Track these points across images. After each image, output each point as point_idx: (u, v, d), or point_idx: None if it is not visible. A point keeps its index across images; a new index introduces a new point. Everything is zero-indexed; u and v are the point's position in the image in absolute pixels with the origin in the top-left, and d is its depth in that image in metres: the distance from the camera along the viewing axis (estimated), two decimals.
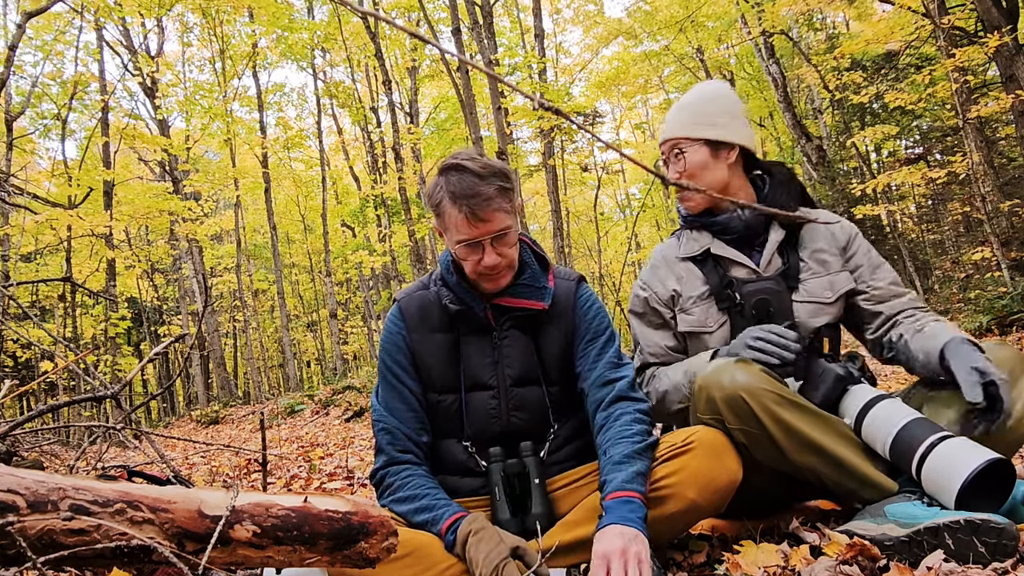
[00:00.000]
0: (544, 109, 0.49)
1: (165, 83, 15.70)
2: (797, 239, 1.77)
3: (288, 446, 6.33)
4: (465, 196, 1.45)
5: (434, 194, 1.51)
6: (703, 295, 1.75)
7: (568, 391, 1.64)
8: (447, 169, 1.50)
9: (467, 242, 1.48)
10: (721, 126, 1.74)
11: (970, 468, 1.28)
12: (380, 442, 1.59)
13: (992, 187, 8.76)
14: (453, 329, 1.63)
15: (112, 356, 13.38)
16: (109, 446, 6.26)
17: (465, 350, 1.62)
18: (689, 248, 1.81)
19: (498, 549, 1.30)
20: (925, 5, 7.63)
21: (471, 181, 1.45)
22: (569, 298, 1.65)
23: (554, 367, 1.63)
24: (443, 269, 1.62)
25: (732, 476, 1.45)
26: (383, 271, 18.60)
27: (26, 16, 6.05)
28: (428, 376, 1.61)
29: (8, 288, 5.67)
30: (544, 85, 12.24)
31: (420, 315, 1.63)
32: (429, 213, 1.54)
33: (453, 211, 1.47)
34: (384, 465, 1.56)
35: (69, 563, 0.90)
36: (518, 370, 1.60)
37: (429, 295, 1.65)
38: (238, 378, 24.33)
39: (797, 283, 1.71)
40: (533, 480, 1.53)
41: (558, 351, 1.63)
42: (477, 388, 1.61)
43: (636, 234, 21.42)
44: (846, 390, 1.55)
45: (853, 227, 1.80)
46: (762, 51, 12.31)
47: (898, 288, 1.74)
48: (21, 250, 12.01)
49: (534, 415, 1.61)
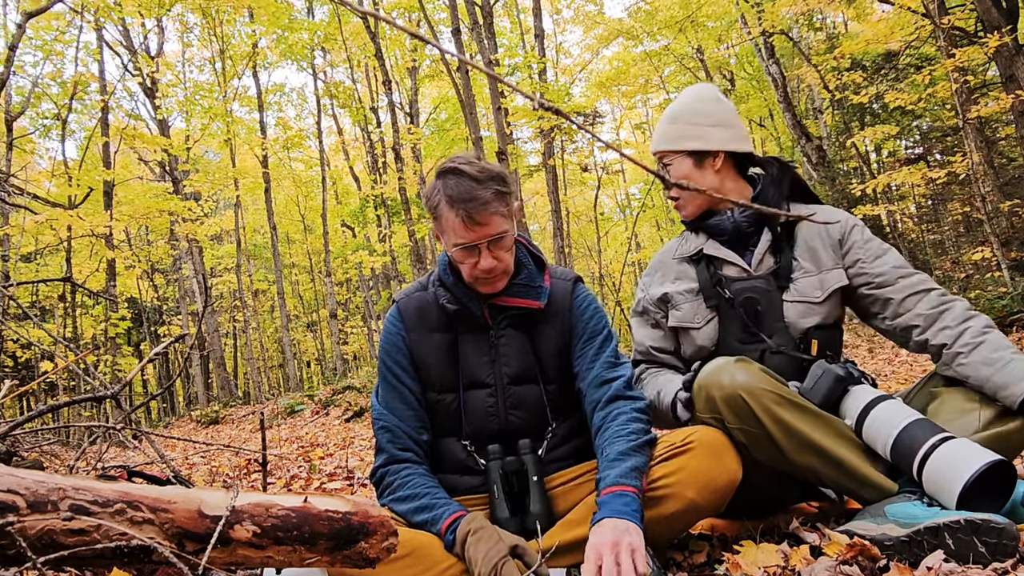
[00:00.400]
0: (544, 109, 0.49)
1: (165, 83, 15.70)
2: (792, 238, 1.76)
3: (288, 446, 6.34)
4: (462, 200, 1.45)
5: (432, 197, 1.52)
6: (692, 292, 1.78)
7: (566, 390, 1.64)
8: (445, 172, 1.51)
9: (464, 245, 1.49)
10: (700, 136, 1.76)
11: (972, 470, 1.28)
12: (380, 441, 1.59)
13: (992, 187, 8.76)
14: (451, 329, 1.64)
15: (112, 356, 13.38)
16: (109, 446, 6.26)
17: (463, 349, 1.63)
18: (686, 248, 1.84)
19: (497, 548, 1.30)
20: (925, 5, 7.64)
21: (468, 185, 1.46)
22: (566, 298, 1.66)
23: (551, 366, 1.63)
24: (440, 270, 1.63)
25: (732, 476, 1.45)
26: (383, 271, 18.60)
27: (26, 16, 6.05)
28: (427, 375, 1.62)
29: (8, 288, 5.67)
30: (544, 85, 12.24)
31: (418, 315, 1.65)
32: (429, 214, 1.55)
33: (450, 215, 1.48)
34: (384, 463, 1.57)
35: (69, 563, 0.90)
36: (515, 368, 1.61)
37: (427, 296, 1.66)
38: (238, 378, 24.32)
39: (788, 283, 1.71)
40: (532, 478, 1.53)
41: (555, 350, 1.63)
42: (475, 386, 1.62)
43: (636, 234, 21.42)
44: (846, 391, 1.55)
45: (852, 219, 1.76)
46: (762, 51, 12.30)
47: (905, 270, 1.66)
48: (21, 250, 12.01)
49: (532, 413, 1.62)
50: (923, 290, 1.63)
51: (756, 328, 1.69)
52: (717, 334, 1.73)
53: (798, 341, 1.68)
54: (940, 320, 1.58)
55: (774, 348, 1.67)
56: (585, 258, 21.56)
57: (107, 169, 13.32)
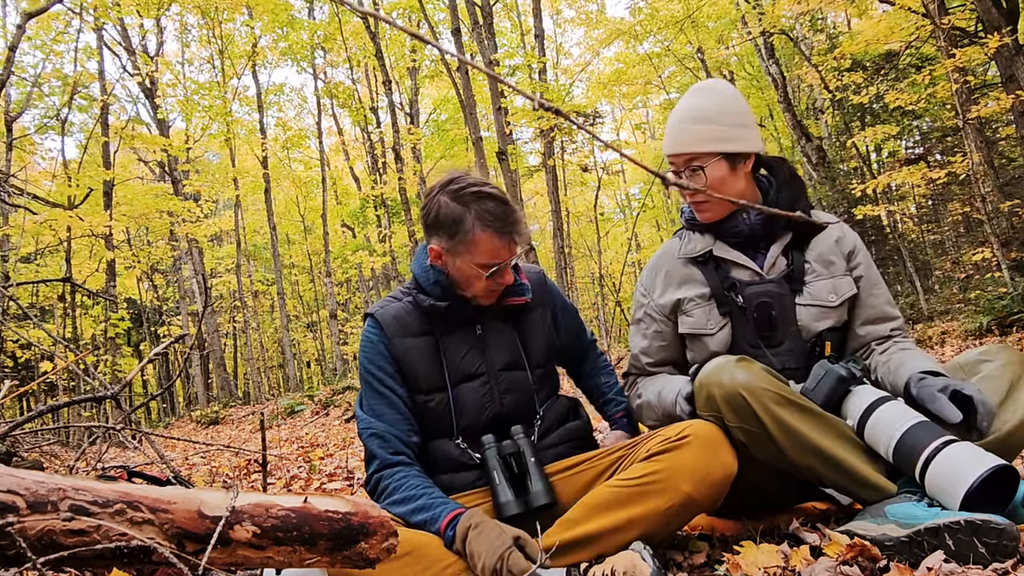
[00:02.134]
0: (544, 109, 0.49)
1: (164, 83, 15.70)
2: (804, 241, 1.74)
3: (288, 447, 6.34)
4: (505, 223, 1.54)
5: (455, 217, 1.55)
6: (704, 297, 1.73)
7: (548, 374, 1.77)
8: (477, 197, 1.54)
9: (497, 265, 1.56)
10: (738, 138, 1.68)
11: (975, 475, 1.27)
12: (370, 448, 1.59)
13: (992, 187, 8.75)
14: (431, 332, 1.68)
15: (112, 357, 13.38)
16: (109, 447, 6.26)
17: (447, 348, 1.67)
18: (690, 249, 1.78)
19: (501, 539, 1.32)
20: (925, 5, 7.64)
21: (508, 209, 1.56)
22: (542, 288, 1.80)
23: (536, 351, 1.74)
24: (423, 281, 1.67)
25: (727, 469, 1.45)
26: (383, 272, 18.59)
27: (26, 17, 6.05)
28: (414, 379, 1.65)
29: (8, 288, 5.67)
30: (544, 84, 12.25)
31: (397, 323, 1.68)
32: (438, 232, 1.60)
33: (487, 237, 1.54)
34: (378, 469, 1.57)
35: (69, 564, 0.90)
36: (505, 356, 1.69)
37: (403, 305, 1.70)
38: (238, 379, 24.33)
39: (801, 286, 1.69)
40: (529, 459, 1.57)
41: (541, 335, 1.76)
42: (465, 380, 1.66)
43: (636, 235, 21.43)
44: (848, 391, 1.55)
45: (855, 235, 1.81)
46: (762, 51, 12.31)
47: (890, 310, 1.75)
48: (21, 251, 12.01)
49: (523, 397, 1.68)
50: (891, 335, 1.74)
51: (770, 332, 1.67)
52: (730, 339, 1.70)
53: (812, 344, 1.67)
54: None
55: (785, 353, 1.67)
56: (585, 259, 21.55)
57: (107, 169, 13.32)
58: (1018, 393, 1.47)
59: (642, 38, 13.84)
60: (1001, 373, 1.50)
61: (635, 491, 1.44)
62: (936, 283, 12.35)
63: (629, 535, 1.43)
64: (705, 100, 1.71)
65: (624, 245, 21.43)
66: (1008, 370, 1.50)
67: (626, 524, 1.43)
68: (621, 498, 1.45)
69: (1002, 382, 1.49)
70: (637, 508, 1.43)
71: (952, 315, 8.60)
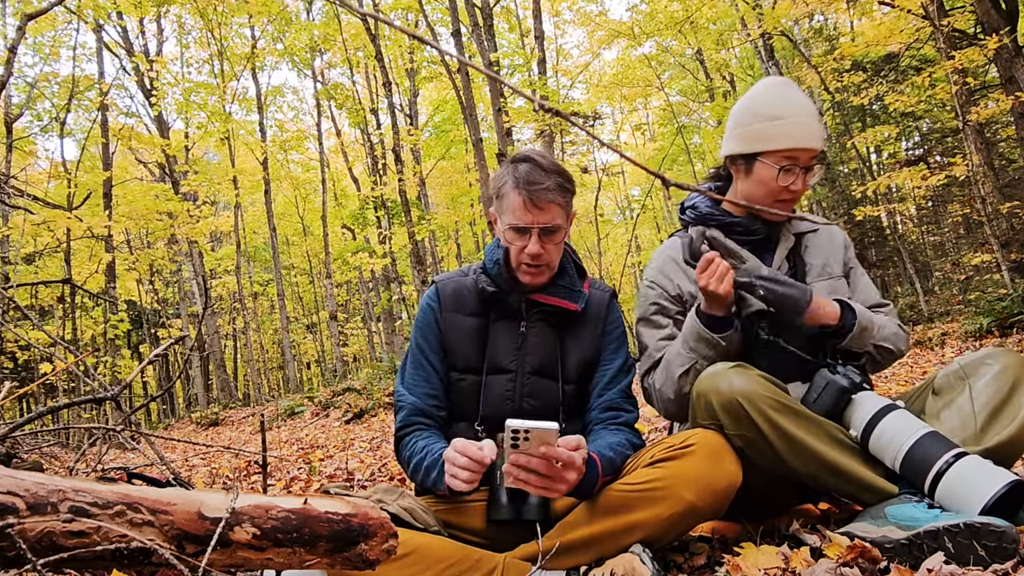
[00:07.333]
0: (544, 111, 0.49)
1: (164, 83, 15.70)
2: (802, 244, 1.79)
3: (288, 448, 6.33)
4: (527, 183, 1.56)
5: (499, 179, 1.64)
6: None
7: (580, 393, 1.71)
8: (517, 160, 1.62)
9: (518, 227, 1.58)
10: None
11: (991, 491, 1.27)
12: (398, 416, 1.69)
13: (992, 189, 8.75)
14: (484, 314, 1.70)
15: (111, 358, 13.37)
16: (109, 448, 6.26)
17: (492, 334, 1.69)
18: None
19: None
20: (924, 7, 7.65)
21: (538, 172, 1.58)
22: (602, 308, 1.75)
23: (573, 367, 1.69)
24: (487, 260, 1.72)
25: (731, 479, 1.45)
26: (383, 273, 18.59)
27: (26, 18, 6.05)
28: (453, 355, 1.69)
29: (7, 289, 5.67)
30: (543, 78, 12.26)
31: (455, 297, 1.72)
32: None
33: (513, 195, 1.58)
34: (403, 425, 1.66)
35: (69, 565, 0.90)
36: (538, 360, 1.68)
37: (466, 281, 1.74)
38: (238, 380, 24.32)
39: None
40: None
41: (582, 354, 1.70)
42: (497, 371, 1.67)
43: (636, 236, 21.44)
44: (850, 400, 1.55)
45: (844, 232, 1.87)
46: (762, 53, 12.32)
47: (880, 297, 1.82)
48: (21, 252, 12.01)
49: (545, 405, 1.67)
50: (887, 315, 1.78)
51: (775, 332, 1.68)
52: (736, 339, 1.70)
53: (813, 343, 1.68)
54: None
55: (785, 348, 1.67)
56: (585, 260, 21.44)
57: (106, 170, 13.32)
58: (1019, 396, 1.47)
59: (642, 40, 13.84)
60: (1002, 376, 1.50)
61: (637, 496, 1.44)
62: (936, 284, 12.35)
63: (629, 539, 1.43)
64: (803, 98, 1.71)
65: (624, 247, 21.44)
66: (1009, 373, 1.50)
67: (627, 529, 1.43)
68: (623, 503, 1.45)
69: (1003, 385, 1.49)
70: (639, 514, 1.43)
71: (952, 316, 8.60)
